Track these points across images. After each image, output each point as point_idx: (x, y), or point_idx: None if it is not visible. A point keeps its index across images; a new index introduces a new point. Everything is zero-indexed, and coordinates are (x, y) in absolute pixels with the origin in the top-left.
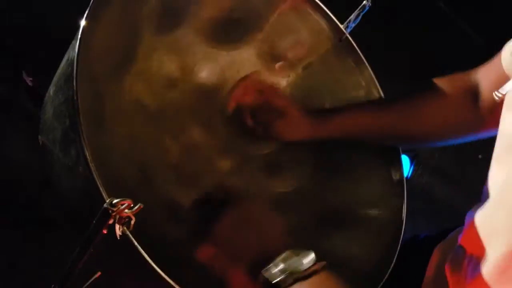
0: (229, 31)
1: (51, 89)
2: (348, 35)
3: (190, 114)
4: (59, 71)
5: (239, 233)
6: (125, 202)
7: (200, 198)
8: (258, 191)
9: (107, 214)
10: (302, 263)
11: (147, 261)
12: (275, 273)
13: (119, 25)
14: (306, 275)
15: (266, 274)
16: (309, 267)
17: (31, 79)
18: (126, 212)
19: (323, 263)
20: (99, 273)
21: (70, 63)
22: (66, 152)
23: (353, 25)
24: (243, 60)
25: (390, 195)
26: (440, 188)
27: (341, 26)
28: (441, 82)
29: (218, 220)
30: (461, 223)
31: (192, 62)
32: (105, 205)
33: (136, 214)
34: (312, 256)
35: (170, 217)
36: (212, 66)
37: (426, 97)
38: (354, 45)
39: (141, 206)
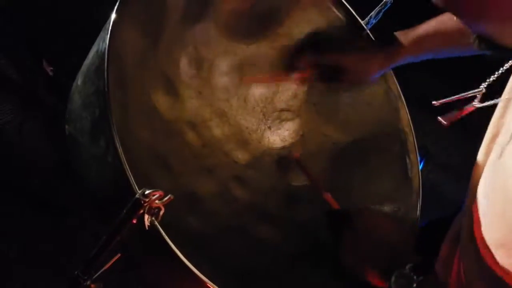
0: (249, 25)
1: (79, 79)
2: (368, 31)
3: (209, 107)
4: (87, 61)
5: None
6: (156, 193)
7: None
8: (274, 184)
9: (138, 204)
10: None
11: (173, 251)
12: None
13: (145, 18)
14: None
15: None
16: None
17: (51, 68)
18: (156, 203)
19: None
20: (119, 255)
21: (100, 55)
22: (95, 142)
23: (374, 21)
24: (262, 54)
25: (405, 191)
26: (449, 185)
27: (362, 22)
28: None
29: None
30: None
31: (212, 55)
32: (137, 195)
33: (165, 205)
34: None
35: (190, 208)
36: (231, 60)
37: None
38: (375, 41)
39: (171, 198)
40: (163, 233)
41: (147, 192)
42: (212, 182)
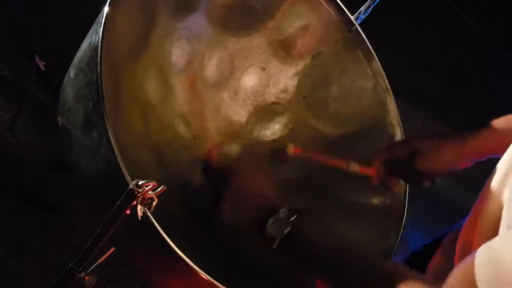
0: (241, 18)
1: (71, 71)
2: (358, 26)
3: (200, 99)
4: (79, 54)
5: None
6: (149, 183)
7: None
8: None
9: (132, 195)
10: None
11: (166, 241)
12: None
13: (137, 11)
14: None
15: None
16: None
17: (44, 63)
18: (149, 194)
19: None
20: (113, 249)
21: (93, 48)
22: (88, 134)
23: (363, 16)
24: (253, 47)
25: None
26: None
27: (351, 17)
28: None
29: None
30: (458, 214)
31: (204, 48)
32: (130, 186)
33: (158, 196)
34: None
35: (182, 199)
36: (222, 53)
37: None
38: (363, 36)
39: (164, 188)
40: (156, 224)
41: (140, 183)
42: (203, 175)
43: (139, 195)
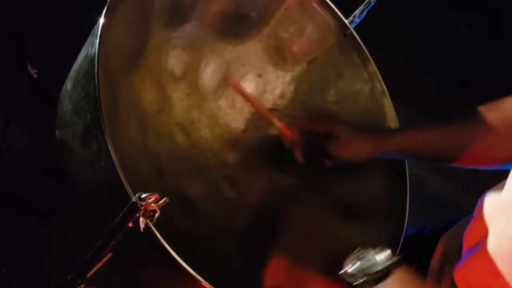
0: (235, 25)
1: (68, 84)
2: (353, 30)
3: (198, 108)
4: (76, 66)
5: (301, 241)
6: (152, 196)
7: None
8: (264, 184)
9: (135, 207)
10: (377, 260)
11: (169, 252)
12: (354, 273)
13: (132, 21)
14: (385, 272)
15: (347, 276)
16: (387, 264)
17: (36, 71)
18: (152, 206)
19: (399, 257)
20: (110, 254)
21: (90, 60)
22: (87, 147)
23: (358, 20)
24: (249, 54)
25: (392, 186)
26: (430, 180)
27: (346, 21)
28: (491, 111)
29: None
30: (452, 215)
31: (199, 56)
32: (133, 199)
33: (160, 208)
34: (388, 252)
35: (182, 209)
36: (219, 61)
37: (479, 125)
38: (359, 40)
39: (167, 200)
40: (159, 236)
41: (143, 196)
42: (203, 183)
43: (142, 208)
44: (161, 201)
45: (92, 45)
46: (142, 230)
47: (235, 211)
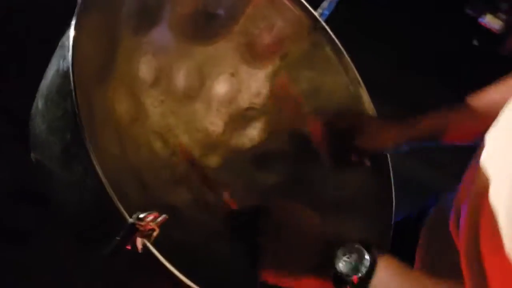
0: (205, 26)
1: (39, 102)
2: (323, 23)
3: (174, 114)
4: (46, 82)
5: (286, 240)
6: (151, 215)
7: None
8: (248, 185)
9: (133, 229)
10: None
11: (167, 267)
12: (345, 265)
13: (100, 31)
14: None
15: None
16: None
17: None
18: (150, 225)
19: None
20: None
21: (62, 74)
22: (68, 167)
23: (327, 12)
24: (220, 54)
25: (377, 176)
26: (409, 165)
27: (316, 14)
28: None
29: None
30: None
31: (170, 60)
32: (131, 220)
33: (159, 226)
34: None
35: (172, 219)
36: (190, 63)
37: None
38: (330, 32)
39: (166, 217)
40: (159, 255)
41: (141, 215)
42: (186, 190)
43: (141, 228)
44: (160, 219)
45: (63, 59)
46: (140, 251)
47: (223, 214)
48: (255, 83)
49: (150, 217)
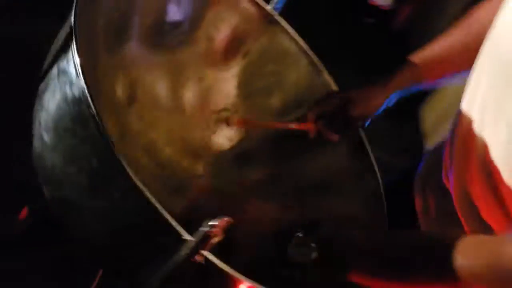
0: (169, 35)
1: (45, 136)
2: (276, 16)
3: (153, 128)
4: (50, 115)
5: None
6: (223, 220)
7: None
8: (235, 184)
9: (207, 237)
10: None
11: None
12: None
13: (88, 55)
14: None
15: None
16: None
17: None
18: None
19: None
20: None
21: (74, 102)
22: (99, 194)
23: (280, 6)
24: (186, 61)
25: (358, 155)
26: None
27: (267, 8)
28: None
29: None
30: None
31: (141, 74)
32: (204, 228)
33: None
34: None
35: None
36: (159, 74)
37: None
38: (284, 23)
39: (230, 221)
40: (223, 264)
41: (211, 222)
42: (182, 201)
43: (214, 235)
44: (223, 223)
45: (70, 86)
46: (203, 262)
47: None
48: (223, 85)
49: (222, 222)
